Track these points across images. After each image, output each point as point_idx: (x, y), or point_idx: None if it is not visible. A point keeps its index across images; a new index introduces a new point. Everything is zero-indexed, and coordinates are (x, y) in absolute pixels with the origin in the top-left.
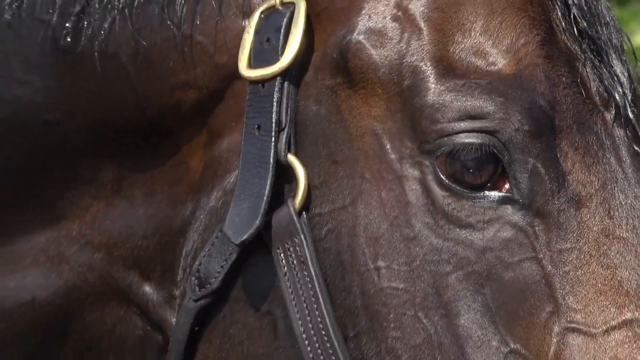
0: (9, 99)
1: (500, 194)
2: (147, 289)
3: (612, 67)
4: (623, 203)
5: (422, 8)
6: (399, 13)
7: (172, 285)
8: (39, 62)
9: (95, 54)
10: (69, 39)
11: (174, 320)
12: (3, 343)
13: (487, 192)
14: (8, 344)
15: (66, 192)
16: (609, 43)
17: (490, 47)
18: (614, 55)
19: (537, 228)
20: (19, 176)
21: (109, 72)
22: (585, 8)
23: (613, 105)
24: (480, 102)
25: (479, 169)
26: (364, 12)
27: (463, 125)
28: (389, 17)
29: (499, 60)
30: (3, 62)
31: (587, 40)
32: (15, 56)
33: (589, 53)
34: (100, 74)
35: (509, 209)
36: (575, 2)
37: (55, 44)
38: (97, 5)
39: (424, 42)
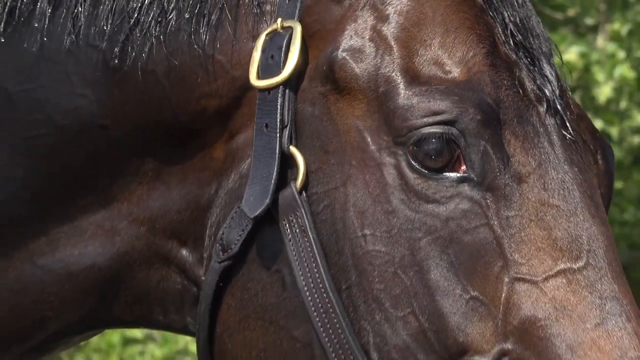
0: (71, 109)
1: (459, 174)
2: (184, 252)
3: (543, 70)
4: (555, 178)
5: (392, 29)
6: (374, 34)
7: (202, 249)
8: (93, 79)
9: (138, 72)
10: (116, 61)
11: (204, 277)
12: (70, 300)
13: (448, 174)
14: (74, 301)
15: (116, 180)
16: (539, 51)
17: (447, 59)
18: (544, 61)
19: (488, 200)
20: (81, 171)
21: (148, 86)
22: (519, 24)
23: (545, 101)
24: (440, 102)
25: (441, 154)
26: (346, 33)
27: (427, 120)
28: (367, 37)
29: (453, 69)
30: (65, 80)
31: (522, 50)
32: (74, 75)
33: (524, 60)
34: (141, 88)
35: (465, 186)
36: (512, 19)
37: (105, 65)
38: (138, 34)
39: (394, 57)
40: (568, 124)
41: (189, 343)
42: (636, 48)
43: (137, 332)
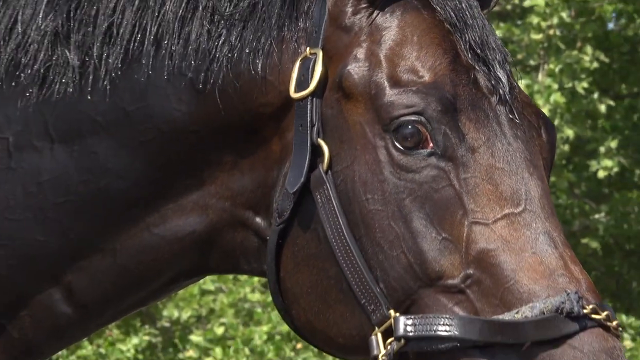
0: (171, 120)
1: (428, 150)
2: (257, 220)
3: (496, 72)
4: (500, 148)
5: (382, 49)
6: (370, 53)
7: (269, 216)
8: (185, 98)
9: (215, 92)
10: (200, 85)
11: (269, 237)
12: (178, 257)
13: (420, 150)
14: (181, 257)
15: (205, 169)
16: (494, 59)
17: (420, 68)
18: (497, 67)
19: (449, 167)
20: (181, 163)
21: (223, 100)
22: (478, 41)
23: (496, 93)
24: (412, 99)
25: (414, 136)
26: (352, 55)
27: (403, 111)
28: (364, 56)
29: (424, 75)
30: (166, 99)
31: (479, 59)
32: (172, 96)
33: (481, 66)
34: (218, 102)
35: (433, 158)
36: (472, 38)
37: (193, 87)
38: (215, 66)
39: (382, 69)
40: (514, 110)
41: (248, 293)
42: (566, 82)
43: (210, 285)
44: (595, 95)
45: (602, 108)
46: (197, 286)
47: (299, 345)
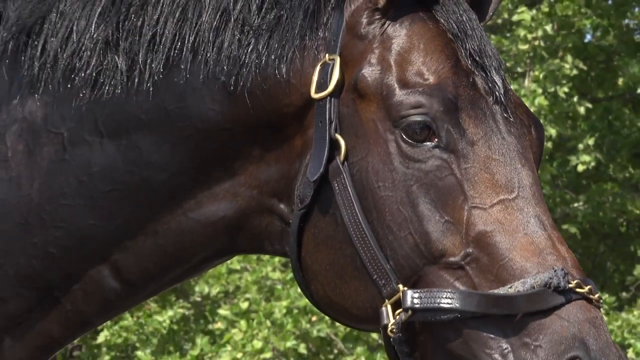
0: (206, 119)
1: (433, 143)
2: (281, 206)
3: (492, 77)
4: (496, 142)
5: (392, 55)
6: (382, 59)
7: (291, 203)
8: (218, 99)
9: (244, 93)
10: (232, 87)
11: (291, 221)
12: (211, 238)
13: (426, 143)
14: (213, 239)
15: (236, 161)
16: (490, 65)
17: (425, 72)
18: (494, 72)
19: (451, 158)
20: (215, 157)
21: (251, 101)
22: (477, 49)
23: (492, 95)
24: (419, 99)
25: (421, 131)
26: (366, 60)
27: (411, 111)
28: (376, 61)
29: (429, 78)
30: (201, 100)
31: (478, 65)
32: (207, 97)
33: (479, 70)
34: (247, 102)
35: (437, 150)
36: (471, 46)
37: (225, 89)
38: (244, 71)
39: (392, 73)
40: (508, 110)
41: (269, 272)
42: (549, 87)
43: (236, 265)
44: (575, 99)
45: (581, 110)
46: (225, 265)
47: (314, 318)
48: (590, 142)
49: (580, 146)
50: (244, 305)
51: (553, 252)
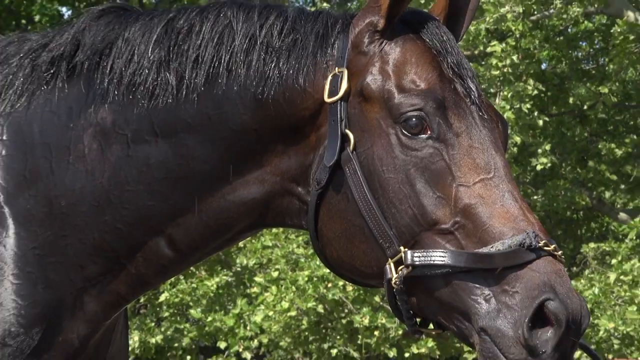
0: (239, 122)
1: (426, 135)
2: (299, 189)
3: (469, 84)
4: (476, 134)
5: (390, 67)
6: (382, 70)
7: (307, 186)
8: (248, 105)
9: (269, 100)
10: (259, 95)
11: (309, 200)
12: (244, 216)
13: (422, 135)
14: (246, 216)
15: (263, 155)
16: (467, 75)
17: (418, 79)
18: (469, 80)
19: (441, 147)
20: (247, 151)
21: (275, 107)
22: (456, 62)
23: (469, 97)
24: (415, 100)
25: (417, 126)
26: (369, 71)
27: (409, 109)
28: (378, 72)
29: (421, 84)
30: (235, 106)
31: (457, 75)
32: (239, 105)
33: (458, 78)
34: (272, 107)
35: (430, 141)
36: (452, 60)
37: (254, 97)
38: (269, 82)
39: (392, 80)
40: (482, 109)
41: (295, 248)
42: (515, 104)
43: (268, 242)
44: (535, 114)
45: (540, 123)
46: (260, 242)
47: (329, 285)
48: (547, 147)
49: (539, 151)
50: (275, 274)
51: (524, 219)
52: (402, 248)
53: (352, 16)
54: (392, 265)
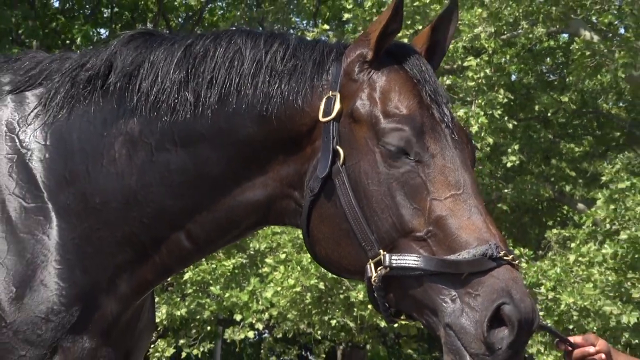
0: (247, 134)
1: (406, 156)
2: (295, 193)
3: (444, 110)
4: (448, 155)
5: (377, 94)
6: (370, 96)
7: (302, 191)
8: (254, 121)
9: (272, 117)
10: (264, 112)
11: (303, 204)
12: (249, 214)
13: (402, 155)
14: (251, 215)
15: (267, 163)
16: (442, 102)
17: (400, 106)
18: (444, 106)
19: (418, 166)
20: (253, 158)
21: (277, 122)
22: (433, 90)
23: (444, 122)
24: (396, 125)
25: (398, 146)
26: (358, 96)
27: (391, 133)
28: (366, 98)
29: (403, 110)
30: (243, 120)
31: (434, 101)
32: (247, 119)
33: (435, 105)
34: (274, 122)
35: (409, 160)
36: (430, 88)
37: (259, 114)
38: (273, 101)
39: (378, 106)
40: (455, 132)
41: (300, 234)
42: (488, 110)
43: (277, 229)
44: (505, 119)
45: (509, 126)
46: (270, 229)
47: None
48: (516, 147)
49: (509, 150)
50: (283, 256)
51: (487, 231)
52: (381, 251)
53: (345, 46)
54: (372, 265)
